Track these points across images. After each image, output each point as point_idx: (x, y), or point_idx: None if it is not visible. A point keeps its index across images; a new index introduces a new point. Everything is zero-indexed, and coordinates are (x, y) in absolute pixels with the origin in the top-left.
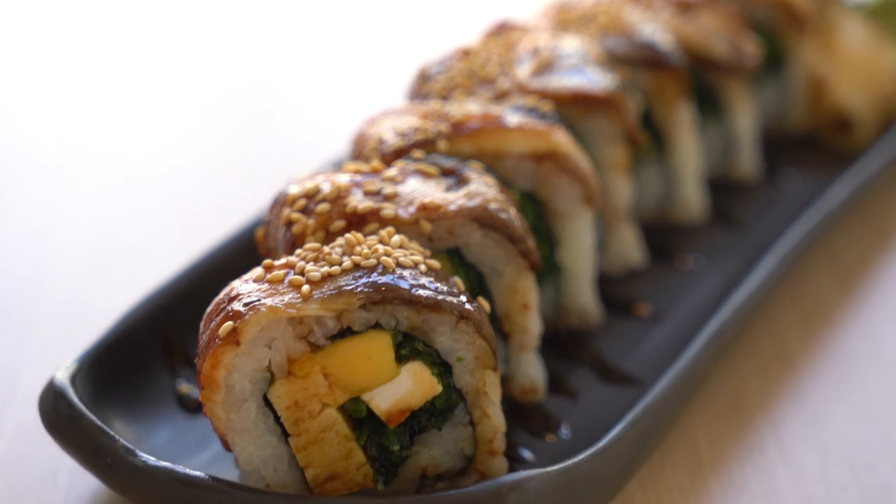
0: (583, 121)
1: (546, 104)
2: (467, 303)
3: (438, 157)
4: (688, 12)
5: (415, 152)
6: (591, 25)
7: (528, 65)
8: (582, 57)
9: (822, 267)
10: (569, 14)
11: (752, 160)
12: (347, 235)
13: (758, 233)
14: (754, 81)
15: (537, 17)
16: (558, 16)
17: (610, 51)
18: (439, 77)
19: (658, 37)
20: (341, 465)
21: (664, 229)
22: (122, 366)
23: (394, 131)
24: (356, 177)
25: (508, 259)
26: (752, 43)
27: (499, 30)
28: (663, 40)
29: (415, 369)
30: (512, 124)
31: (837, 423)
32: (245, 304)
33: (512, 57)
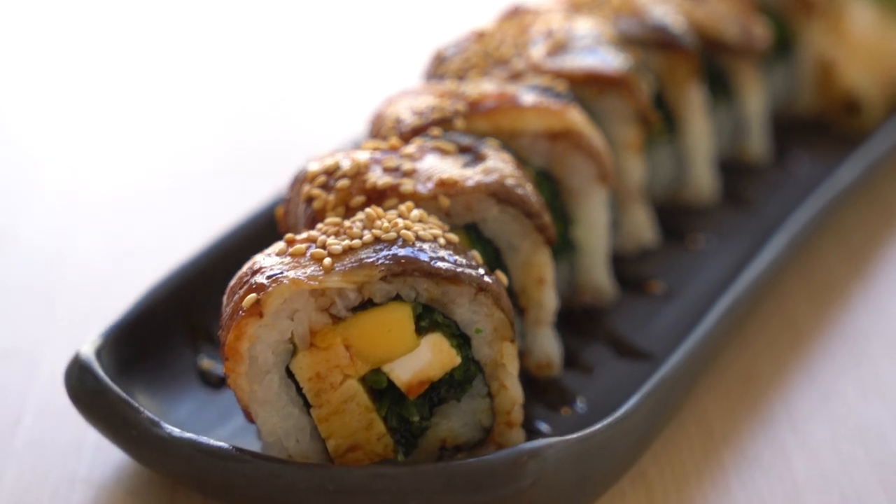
0: (596, 101)
1: (560, 84)
2: (486, 275)
3: (455, 134)
4: None
5: (432, 130)
6: (604, 7)
7: (542, 46)
8: (595, 38)
9: (830, 246)
10: None
11: (762, 142)
12: (368, 210)
13: (768, 213)
14: (764, 65)
15: (550, 0)
16: None
17: (623, 33)
18: (455, 58)
19: (670, 19)
20: (362, 436)
21: (676, 210)
22: (145, 342)
23: (411, 110)
24: (375, 154)
25: (525, 234)
26: (761, 26)
27: (513, 13)
28: (675, 22)
29: (434, 341)
30: (527, 103)
31: (848, 398)
32: (268, 277)
33: (526, 39)
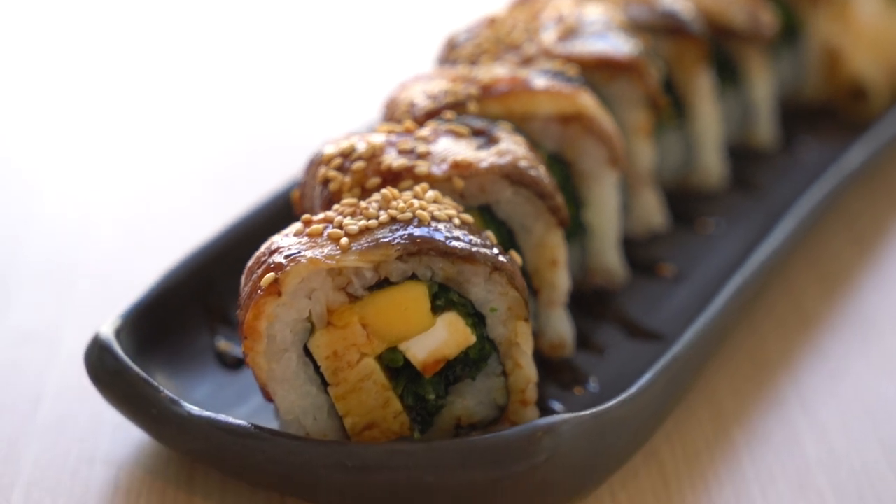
0: (607, 85)
1: (571, 68)
2: (500, 255)
3: (469, 118)
4: None
5: (445, 114)
6: None
7: (553, 31)
8: (605, 24)
9: (837, 229)
10: None
11: (770, 128)
12: (384, 191)
13: (776, 198)
14: (771, 52)
15: None
16: None
17: (632, 19)
18: (467, 44)
19: (679, 5)
20: (379, 414)
21: (685, 195)
22: (163, 323)
23: (425, 94)
24: (390, 136)
25: (538, 215)
26: (769, 13)
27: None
28: (684, 9)
29: (450, 319)
30: (539, 87)
31: (857, 378)
32: (286, 257)
33: (537, 24)
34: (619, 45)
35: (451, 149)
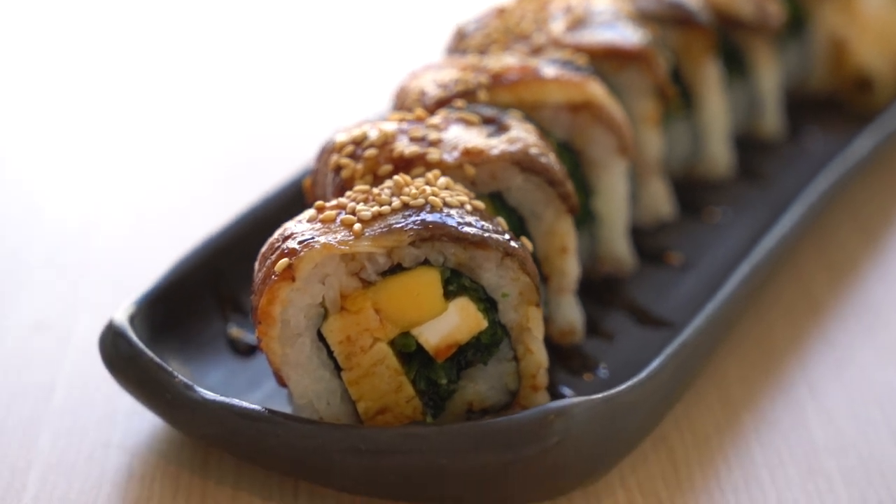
0: (615, 75)
1: (581, 58)
2: (511, 240)
3: (479, 106)
4: None
5: (456, 102)
6: None
7: (561, 21)
8: (614, 14)
9: (843, 219)
10: None
11: (777, 118)
12: (396, 177)
13: (782, 187)
14: (777, 43)
15: None
16: None
17: (640, 9)
18: (476, 34)
19: None
20: (391, 399)
21: (693, 184)
22: (176, 310)
23: (435, 83)
24: (402, 124)
25: (548, 202)
26: (775, 4)
27: None
28: None
29: (462, 305)
30: (549, 75)
31: (864, 364)
32: (300, 242)
33: (546, 15)
34: (628, 35)
35: (462, 136)
